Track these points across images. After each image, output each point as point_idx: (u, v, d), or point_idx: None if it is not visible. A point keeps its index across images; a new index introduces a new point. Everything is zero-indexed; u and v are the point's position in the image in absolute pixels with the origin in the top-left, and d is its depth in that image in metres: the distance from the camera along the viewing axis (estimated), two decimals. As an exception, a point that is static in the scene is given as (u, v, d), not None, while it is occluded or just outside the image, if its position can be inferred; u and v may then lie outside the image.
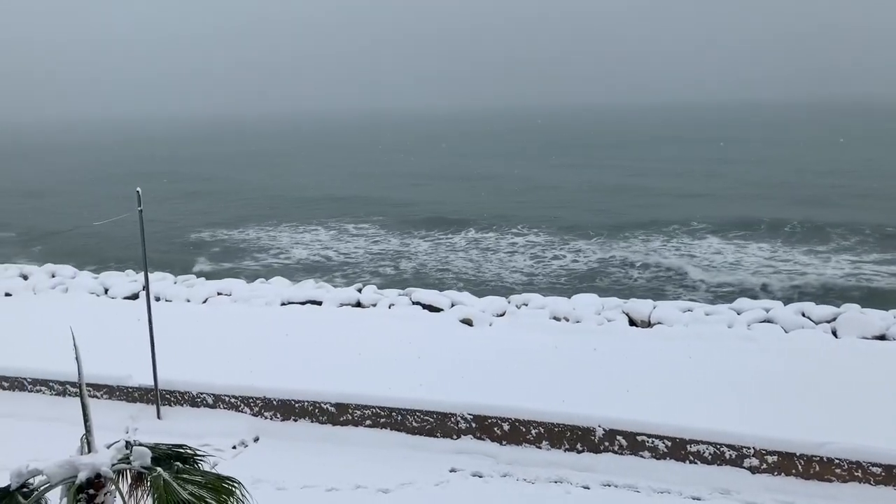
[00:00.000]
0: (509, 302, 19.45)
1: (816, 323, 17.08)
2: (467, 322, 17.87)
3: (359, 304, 20.02)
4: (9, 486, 6.31)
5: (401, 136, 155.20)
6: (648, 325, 17.72)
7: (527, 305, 19.14)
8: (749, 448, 11.89)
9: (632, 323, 17.94)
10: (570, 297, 19.75)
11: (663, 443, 12.29)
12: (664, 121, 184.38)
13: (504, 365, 15.00)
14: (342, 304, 19.98)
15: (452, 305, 19.19)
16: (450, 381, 14.18)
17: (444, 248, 40.87)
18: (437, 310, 18.99)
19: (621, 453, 12.55)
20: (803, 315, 17.41)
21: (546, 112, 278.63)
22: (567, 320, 17.97)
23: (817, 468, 11.61)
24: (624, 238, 41.51)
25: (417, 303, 19.53)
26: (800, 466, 11.68)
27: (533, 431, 12.98)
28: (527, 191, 62.93)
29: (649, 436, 12.36)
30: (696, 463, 12.17)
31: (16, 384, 15.84)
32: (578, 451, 12.78)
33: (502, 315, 18.65)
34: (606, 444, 12.62)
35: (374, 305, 19.78)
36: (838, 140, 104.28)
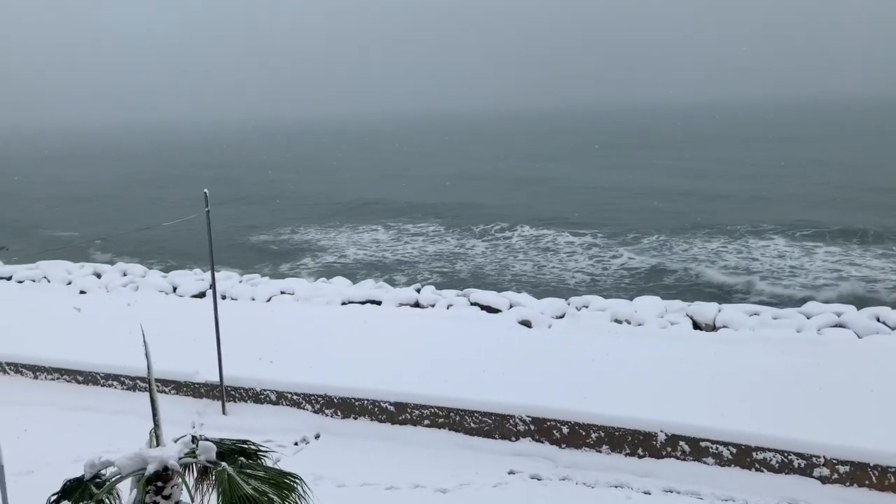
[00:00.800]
0: (569, 304, 19.25)
1: (892, 328, 16.36)
2: (526, 324, 17.76)
3: (417, 305, 20.12)
4: (83, 476, 6.56)
5: (443, 136, 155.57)
6: (713, 328, 17.28)
7: (587, 307, 18.91)
8: (819, 457, 11.47)
9: (696, 326, 17.53)
10: (631, 300, 19.43)
11: (728, 449, 11.97)
12: (709, 120, 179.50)
13: (563, 367, 14.85)
14: (401, 304, 20.12)
15: (511, 307, 19.10)
16: (508, 383, 14.12)
17: (502, 249, 40.75)
18: (496, 311, 18.93)
19: (684, 459, 12.27)
20: (878, 320, 16.69)
21: (579, 112, 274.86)
22: (629, 323, 17.68)
23: (893, 479, 11.12)
24: (686, 239, 40.64)
25: (475, 304, 19.52)
26: (873, 477, 11.21)
27: (593, 435, 12.82)
28: (584, 191, 62.23)
29: (713, 442, 12.06)
30: (762, 471, 11.80)
31: (90, 378, 16.48)
32: (639, 456, 12.55)
33: (562, 317, 18.46)
34: (668, 449, 12.36)
35: (433, 306, 19.84)
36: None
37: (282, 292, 21.83)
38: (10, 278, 25.08)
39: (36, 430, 14.32)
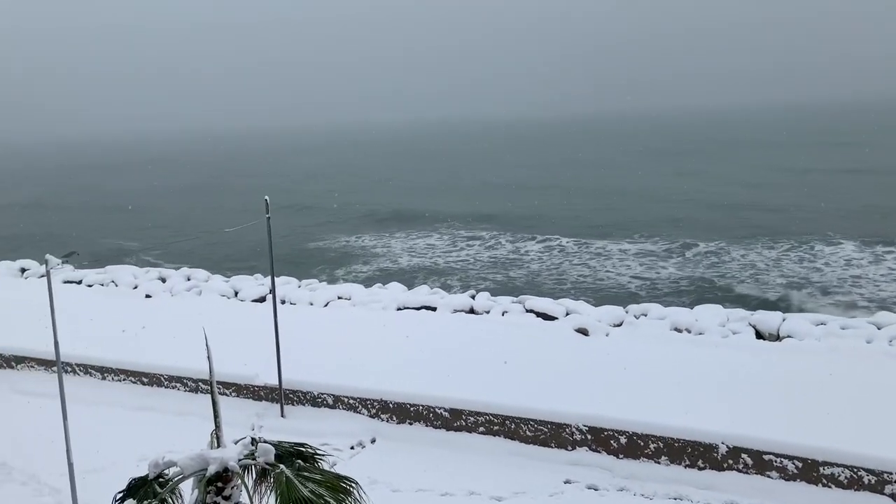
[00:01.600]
0: (627, 312, 18.93)
1: (971, 340, 15.58)
2: (583, 331, 17.55)
3: (472, 311, 20.09)
4: (147, 475, 6.75)
5: (484, 143, 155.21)
6: (777, 338, 16.76)
7: (646, 316, 18.57)
8: (891, 473, 10.99)
9: (759, 336, 17.03)
10: (691, 308, 19.00)
11: (793, 463, 11.58)
12: (760, 124, 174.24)
13: (621, 376, 14.62)
14: (456, 311, 20.12)
15: (567, 314, 18.90)
16: (564, 392, 13.97)
17: (556, 256, 40.43)
18: (552, 318, 18.76)
19: (746, 472, 11.92)
20: (955, 331, 15.92)
21: (624, 117, 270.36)
22: (689, 332, 17.29)
23: (972, 500, 10.59)
24: (746, 246, 39.61)
25: (531, 311, 19.37)
26: (951, 497, 10.69)
27: (651, 446, 12.57)
28: (637, 198, 61.34)
29: (777, 455, 11.68)
30: (829, 486, 11.38)
31: (154, 380, 16.97)
32: (700, 468, 12.25)
33: (619, 325, 18.18)
34: (730, 461, 12.03)
35: (488, 312, 19.79)
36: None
37: (339, 297, 22.09)
38: (80, 282, 26.05)
39: (103, 430, 14.81)
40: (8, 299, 23.45)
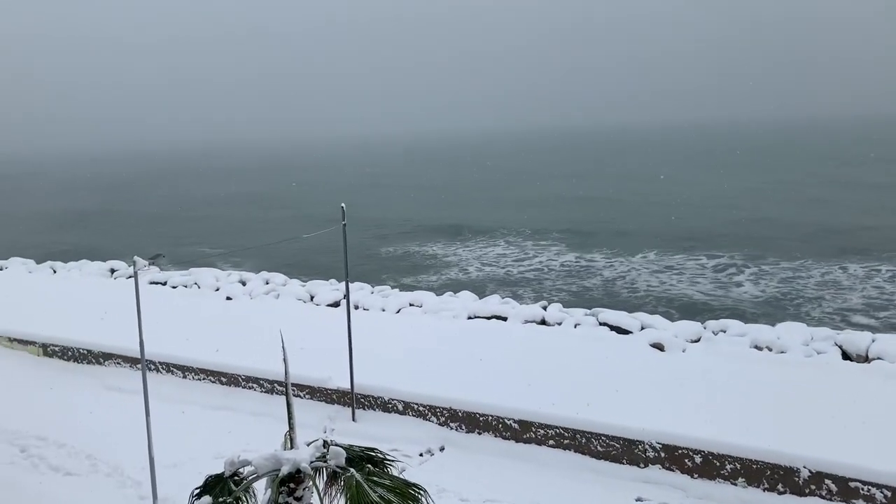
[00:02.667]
0: (705, 327, 18.40)
1: None
2: (658, 347, 17.14)
3: (543, 322, 19.91)
4: (223, 472, 6.94)
5: (535, 155, 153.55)
6: (866, 360, 15.96)
7: (725, 332, 17.99)
8: None
9: (846, 357, 16.25)
10: (773, 325, 18.31)
11: (882, 492, 10.97)
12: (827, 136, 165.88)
13: (698, 394, 14.20)
14: (527, 321, 19.98)
15: (642, 328, 18.51)
16: (638, 407, 13.67)
17: (630, 268, 39.65)
18: (626, 332, 18.40)
19: (830, 499, 11.37)
20: None
21: (683, 128, 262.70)
22: (770, 350, 16.66)
23: None
24: (831, 263, 37.90)
25: (604, 323, 19.06)
26: None
27: (728, 466, 12.14)
28: (712, 210, 59.60)
29: (864, 483, 11.09)
30: (923, 520, 10.73)
31: (232, 380, 17.48)
32: (779, 493, 11.75)
33: (697, 341, 17.67)
34: (812, 486, 11.50)
35: (560, 324, 19.57)
36: None
37: (410, 304, 22.28)
38: (165, 283, 27.13)
39: (183, 427, 15.35)
40: (98, 298, 24.63)
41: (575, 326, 19.22)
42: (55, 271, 31.42)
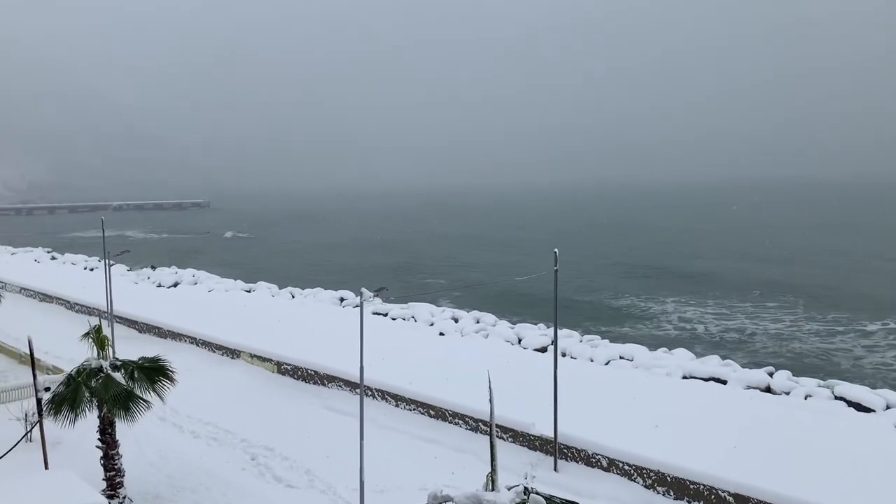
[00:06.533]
0: (968, 414, 15.84)
1: None
2: (907, 430, 15.00)
3: (768, 390, 18.32)
4: (426, 504, 7.11)
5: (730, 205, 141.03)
6: None
7: None
8: None
9: None
10: None
11: None
12: None
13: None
14: (748, 387, 18.50)
15: (887, 408, 16.35)
16: (875, 496, 12.01)
17: (865, 336, 35.25)
18: (867, 409, 16.36)
19: None
20: None
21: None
22: None
23: None
24: None
25: (840, 398, 17.11)
26: None
27: None
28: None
29: None
30: None
31: (439, 414, 17.99)
32: None
33: (957, 429, 15.23)
34: None
35: (787, 393, 17.89)
36: None
37: (620, 357, 21.61)
38: (386, 315, 28.84)
39: (391, 454, 16.03)
40: (326, 324, 26.74)
41: (805, 397, 17.46)
42: (293, 296, 34.70)
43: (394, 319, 28.21)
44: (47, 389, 13.13)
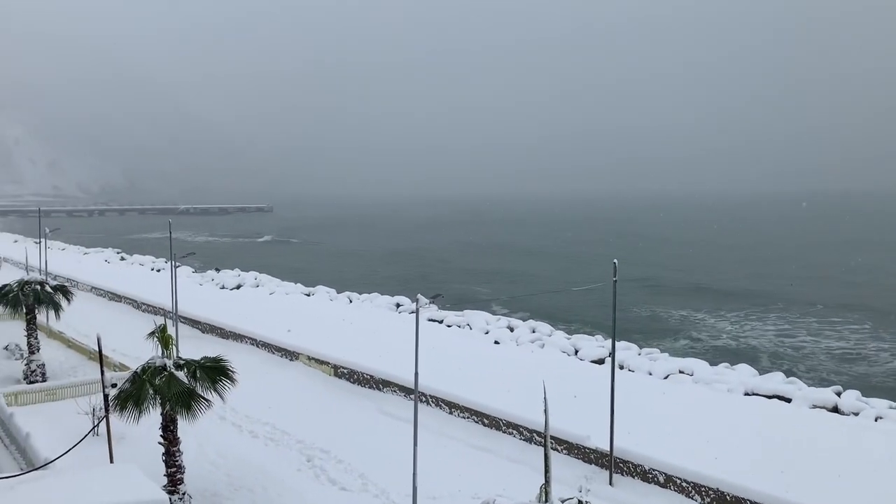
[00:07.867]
0: None
1: None
2: None
3: (836, 410, 17.64)
4: (479, 514, 7.08)
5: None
6: None
7: None
8: None
9: None
10: None
11: None
12: None
13: None
14: (814, 406, 17.86)
15: (965, 433, 15.55)
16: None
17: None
18: (943, 434, 15.58)
19: None
20: None
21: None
22: None
23: None
24: None
25: (915, 421, 16.34)
26: None
27: None
28: None
29: None
30: None
31: (493, 423, 17.90)
32: None
33: None
34: None
35: (856, 414, 17.20)
36: None
37: (680, 371, 21.14)
38: (441, 321, 28.91)
39: (445, 461, 16.00)
40: (382, 329, 26.97)
41: (876, 419, 16.75)
42: (351, 301, 35.14)
43: (449, 326, 28.26)
44: (114, 386, 13.60)
